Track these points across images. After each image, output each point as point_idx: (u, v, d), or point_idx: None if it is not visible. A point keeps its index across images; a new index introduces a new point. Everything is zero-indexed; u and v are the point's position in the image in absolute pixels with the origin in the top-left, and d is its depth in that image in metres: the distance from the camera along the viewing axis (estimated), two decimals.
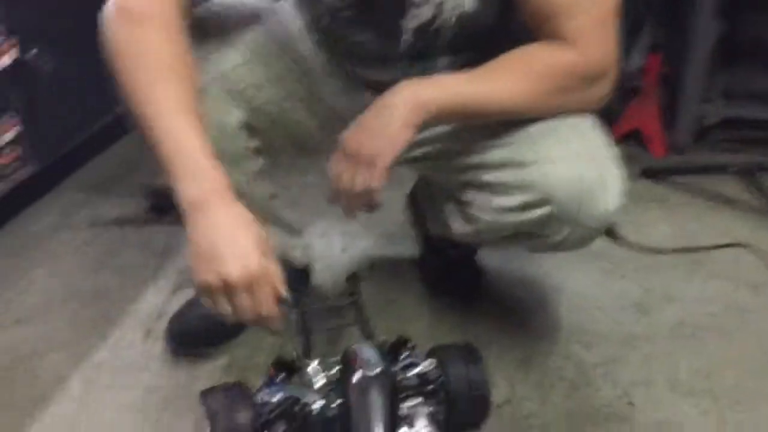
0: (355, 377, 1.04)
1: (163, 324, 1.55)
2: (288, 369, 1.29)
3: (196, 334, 1.49)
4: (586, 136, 1.19)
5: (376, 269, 1.82)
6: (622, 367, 1.49)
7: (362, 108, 1.17)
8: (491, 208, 1.24)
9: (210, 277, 0.94)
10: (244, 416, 1.17)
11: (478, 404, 1.28)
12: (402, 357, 1.30)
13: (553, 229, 1.20)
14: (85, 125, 2.16)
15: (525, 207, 1.19)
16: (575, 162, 1.15)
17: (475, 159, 1.26)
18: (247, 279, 0.93)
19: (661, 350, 1.53)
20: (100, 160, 2.30)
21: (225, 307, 0.97)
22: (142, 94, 0.98)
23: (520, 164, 1.18)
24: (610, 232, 1.90)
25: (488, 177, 1.24)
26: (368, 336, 1.33)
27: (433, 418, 1.20)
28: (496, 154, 1.22)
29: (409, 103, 1.11)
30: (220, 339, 1.52)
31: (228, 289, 0.94)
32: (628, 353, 1.53)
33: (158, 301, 1.67)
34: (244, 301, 0.97)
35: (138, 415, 1.36)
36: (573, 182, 1.14)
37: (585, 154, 1.17)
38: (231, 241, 0.93)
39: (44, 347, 1.53)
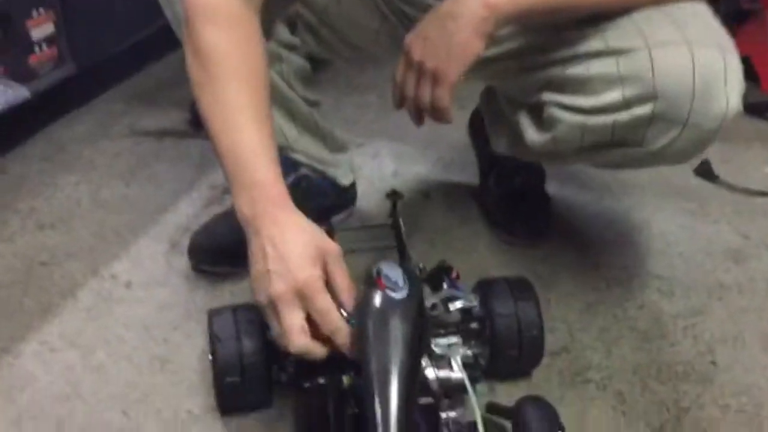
0: (377, 299, 0.86)
1: (189, 238, 1.40)
2: None
3: (220, 250, 1.34)
4: (703, 19, 0.96)
5: (430, 197, 1.63)
6: (707, 321, 1.27)
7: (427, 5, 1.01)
8: (577, 108, 1.04)
9: (261, 298, 0.88)
10: (249, 346, 1.02)
11: (529, 348, 1.10)
12: (442, 288, 1.12)
13: (654, 132, 0.98)
14: (128, 34, 2.01)
15: (622, 105, 0.98)
16: (690, 47, 0.94)
17: (561, 53, 1.05)
18: (290, 294, 0.85)
19: (755, 305, 1.30)
20: (143, 73, 2.15)
21: (276, 330, 0.89)
22: (211, 99, 0.95)
23: (618, 52, 0.97)
24: (704, 170, 1.65)
25: (576, 71, 1.03)
26: (406, 260, 1.15)
27: (473, 361, 1.02)
28: (589, 44, 1.01)
29: (479, 8, 0.95)
30: (246, 259, 1.36)
31: (274, 308, 0.86)
32: (715, 306, 1.30)
33: (188, 214, 1.53)
34: (287, 320, 0.85)
35: (145, 332, 1.23)
36: (686, 71, 0.93)
37: (702, 39, 0.94)
38: (279, 256, 0.86)
39: (62, 255, 1.42)
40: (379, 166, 1.74)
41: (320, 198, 1.41)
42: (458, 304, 1.11)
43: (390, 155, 1.79)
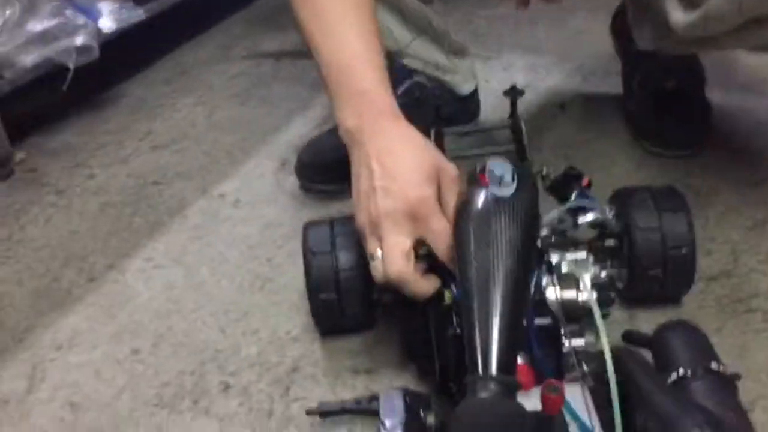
0: (478, 197, 0.72)
1: None
2: None
3: (327, 167, 1.24)
4: None
5: (565, 109, 1.45)
6: None
7: None
8: None
9: (362, 217, 0.79)
10: (346, 260, 0.91)
11: (677, 269, 0.92)
12: (570, 198, 0.96)
13: None
14: None
15: None
16: None
17: None
18: (400, 214, 0.75)
19: None
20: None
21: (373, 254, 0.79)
22: (310, 10, 0.89)
23: None
24: None
25: None
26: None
27: (607, 283, 0.86)
28: None
29: None
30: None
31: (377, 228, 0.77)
32: None
33: (300, 134, 1.44)
34: (390, 240, 0.76)
35: (249, 251, 1.16)
36: None
37: None
38: (388, 172, 0.77)
39: (173, 175, 1.38)
40: (510, 78, 1.56)
41: (437, 108, 1.27)
42: (589, 217, 0.94)
43: (522, 68, 1.62)
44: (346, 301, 0.92)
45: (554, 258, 0.86)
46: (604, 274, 0.90)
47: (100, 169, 1.42)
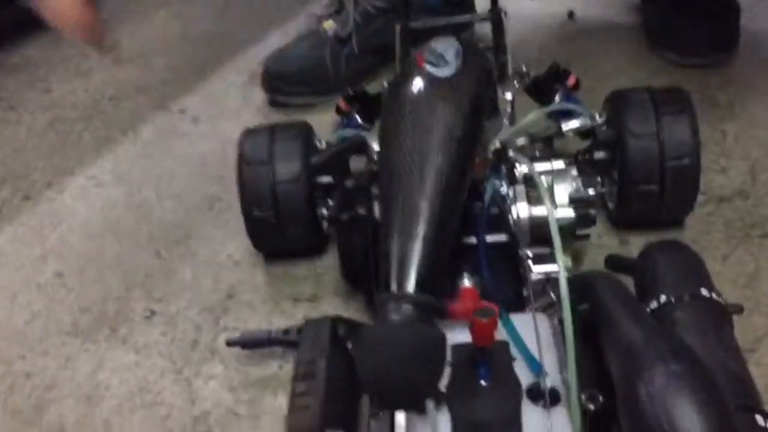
0: (411, 78, 0.57)
1: None
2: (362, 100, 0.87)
3: (296, 75, 1.11)
4: None
5: (574, 18, 1.28)
6: None
7: None
8: None
9: None
10: (285, 172, 0.79)
11: (676, 183, 0.77)
12: (553, 100, 0.81)
13: None
14: None
15: None
16: None
17: None
18: None
19: None
20: None
21: None
22: None
23: None
24: None
25: None
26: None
27: (586, 198, 0.71)
28: None
29: None
30: (325, 85, 1.12)
31: None
32: None
33: (277, 46, 1.29)
34: None
35: (201, 168, 1.03)
36: None
37: None
38: None
39: (133, 90, 1.25)
40: None
41: None
42: (574, 123, 0.80)
43: None
44: (285, 219, 0.80)
45: (525, 168, 0.72)
46: (591, 190, 0.76)
47: (57, 84, 1.30)
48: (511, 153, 0.69)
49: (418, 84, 0.56)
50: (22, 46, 1.43)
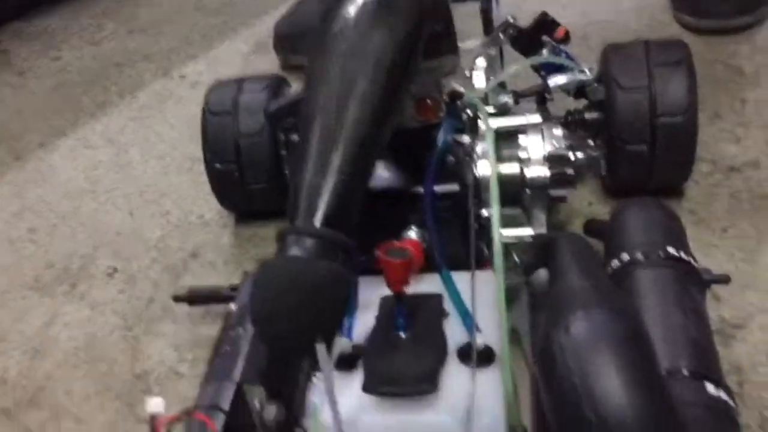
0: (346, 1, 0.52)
1: None
2: None
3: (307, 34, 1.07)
4: None
5: None
6: None
7: None
8: None
9: None
10: (249, 124, 0.75)
11: (669, 144, 0.70)
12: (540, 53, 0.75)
13: None
14: None
15: None
16: None
17: None
18: None
19: None
20: None
21: None
22: None
23: None
24: None
25: None
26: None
27: (563, 156, 0.65)
28: None
29: None
30: None
31: None
32: None
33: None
34: None
35: (190, 132, 1.00)
36: None
37: None
38: None
39: (139, 57, 1.24)
40: None
41: None
42: (561, 79, 0.73)
43: None
44: (248, 173, 0.76)
45: (494, 123, 0.66)
46: (579, 153, 0.69)
47: (69, 52, 1.29)
48: (467, 99, 0.63)
49: (348, 5, 0.50)
50: (42, 16, 1.44)
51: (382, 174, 0.61)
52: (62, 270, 0.81)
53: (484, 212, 0.61)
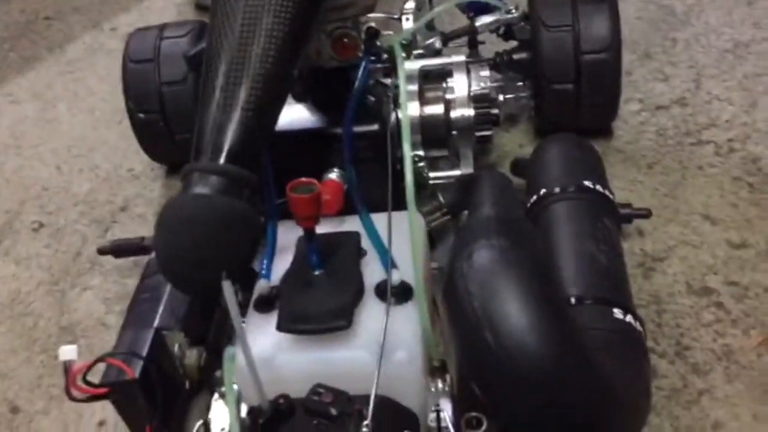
0: None
1: None
2: None
3: None
4: None
5: None
6: None
7: None
8: None
9: None
10: (171, 72, 0.73)
11: (594, 81, 0.70)
12: None
13: None
14: None
15: None
16: None
17: None
18: None
19: None
20: None
21: None
22: None
23: None
24: None
25: None
26: None
27: (487, 95, 0.64)
28: None
29: None
30: None
31: None
32: None
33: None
34: None
35: (118, 83, 0.96)
36: None
37: None
38: None
39: (70, 9, 1.20)
40: None
41: None
42: (487, 18, 0.72)
43: None
44: (173, 122, 0.74)
45: (416, 63, 0.65)
46: (502, 95, 0.69)
47: None
48: (386, 40, 0.62)
49: None
50: None
51: (302, 115, 0.60)
52: None
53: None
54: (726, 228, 0.63)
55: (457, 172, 0.64)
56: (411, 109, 0.62)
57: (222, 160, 0.44)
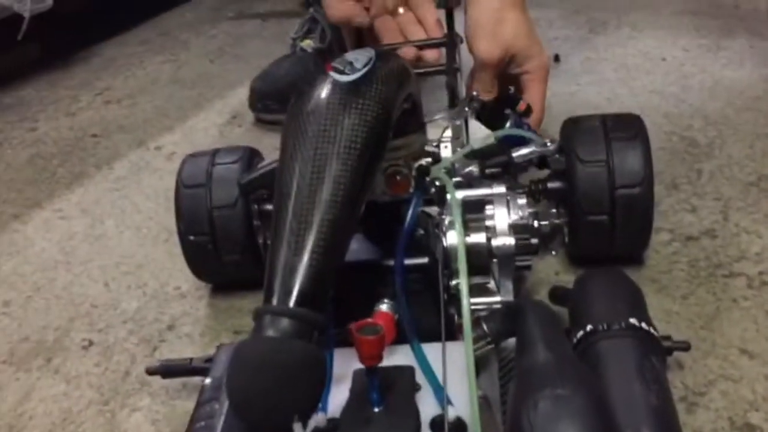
0: (314, 85, 0.54)
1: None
2: None
3: (281, 93, 1.12)
4: None
5: (561, 60, 1.26)
6: None
7: None
8: None
9: None
10: (221, 196, 0.77)
11: (628, 213, 0.74)
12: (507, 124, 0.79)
13: None
14: None
15: None
16: None
17: None
18: None
19: None
20: None
21: None
22: None
23: None
24: None
25: None
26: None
27: (528, 226, 0.67)
28: None
29: None
30: None
31: None
32: None
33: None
34: None
35: (166, 203, 1.01)
36: None
37: None
38: None
39: (115, 128, 1.26)
40: None
41: None
42: (524, 150, 0.77)
43: None
44: (222, 245, 0.77)
45: (460, 194, 0.69)
46: (543, 222, 0.72)
47: (44, 123, 1.31)
48: (435, 173, 0.66)
49: (319, 89, 0.53)
50: (18, 87, 1.47)
51: (355, 247, 0.63)
52: (37, 343, 0.81)
53: (453, 282, 0.64)
54: (764, 363, 0.65)
55: (497, 299, 0.66)
56: (458, 239, 0.65)
57: (292, 303, 0.46)
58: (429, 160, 0.67)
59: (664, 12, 1.39)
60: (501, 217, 0.67)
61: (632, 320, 0.55)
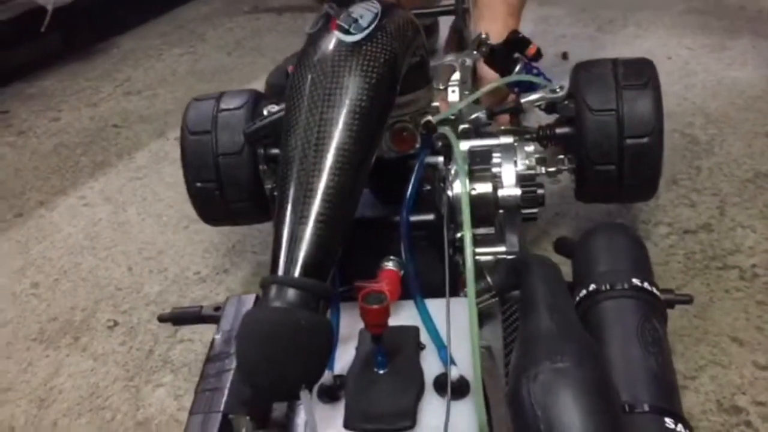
0: (318, 44, 0.54)
1: None
2: None
3: None
4: None
5: (569, 57, 1.29)
6: None
7: None
8: None
9: None
10: (228, 143, 0.77)
11: (637, 166, 0.71)
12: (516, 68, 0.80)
13: None
14: None
15: None
16: None
17: None
18: None
19: None
20: None
21: None
22: None
23: None
24: None
25: None
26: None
27: (533, 176, 0.69)
28: None
29: None
30: None
31: None
32: None
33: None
34: None
35: (183, 189, 1.05)
36: None
37: None
38: None
39: (136, 118, 1.31)
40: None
41: None
42: (532, 97, 0.76)
43: (532, 19, 1.46)
44: (228, 191, 0.77)
45: (465, 144, 0.69)
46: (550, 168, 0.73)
47: (67, 113, 1.36)
48: (441, 130, 0.65)
49: (324, 50, 0.53)
50: (41, 77, 1.51)
51: (361, 203, 0.62)
52: (65, 323, 0.86)
53: (458, 235, 0.64)
54: (752, 350, 0.69)
55: (501, 249, 0.67)
56: (462, 190, 0.63)
57: (297, 273, 0.46)
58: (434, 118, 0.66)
59: (670, 11, 1.41)
60: (508, 167, 0.67)
61: (635, 280, 0.56)
